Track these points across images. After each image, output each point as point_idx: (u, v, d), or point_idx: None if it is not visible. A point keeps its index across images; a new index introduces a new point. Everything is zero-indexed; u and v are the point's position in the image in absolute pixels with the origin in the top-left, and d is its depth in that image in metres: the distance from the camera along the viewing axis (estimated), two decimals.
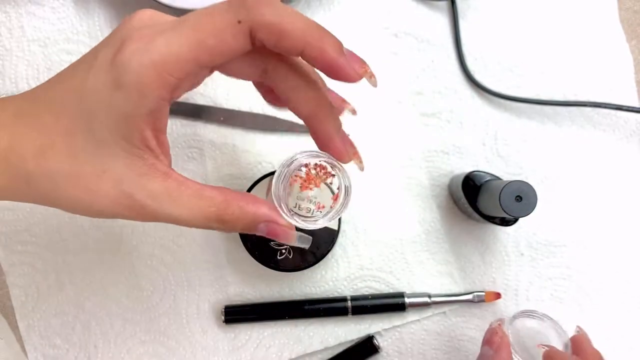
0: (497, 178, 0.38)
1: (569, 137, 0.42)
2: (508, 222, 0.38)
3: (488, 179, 0.37)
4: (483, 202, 0.36)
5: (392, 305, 0.39)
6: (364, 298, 0.39)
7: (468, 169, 0.39)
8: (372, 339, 0.39)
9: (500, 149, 0.41)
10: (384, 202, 0.41)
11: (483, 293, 0.39)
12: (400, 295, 0.39)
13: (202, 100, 0.41)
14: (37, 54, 0.41)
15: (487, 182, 0.37)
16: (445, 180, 0.41)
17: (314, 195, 0.27)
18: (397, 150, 0.41)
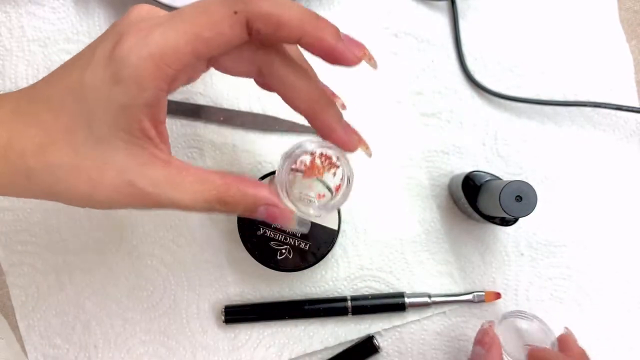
0: (497, 178, 0.38)
1: (569, 137, 0.42)
2: (508, 222, 0.38)
3: (488, 179, 0.37)
4: (483, 202, 0.36)
5: (392, 305, 0.39)
6: (364, 298, 0.39)
7: (468, 169, 0.39)
8: (372, 339, 0.39)
9: (500, 149, 0.41)
10: (384, 202, 0.41)
11: (483, 293, 0.39)
12: (400, 295, 0.39)
13: (202, 100, 0.41)
14: (37, 54, 0.41)
15: (487, 182, 0.37)
16: (445, 180, 0.41)
17: (316, 185, 0.27)
18: (397, 150, 0.41)
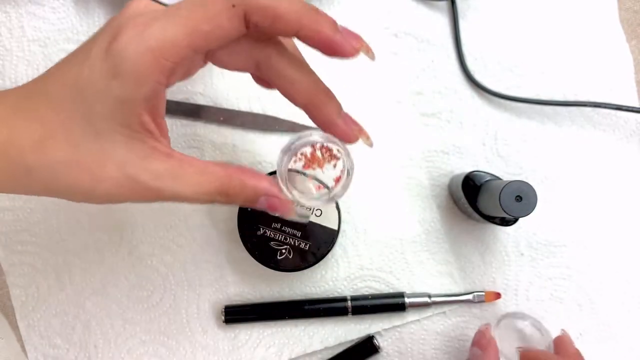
0: (497, 178, 0.38)
1: (569, 137, 0.42)
2: (508, 222, 0.38)
3: (488, 179, 0.37)
4: (483, 202, 0.36)
5: (392, 305, 0.39)
6: (364, 298, 0.39)
7: (468, 169, 0.39)
8: (372, 339, 0.39)
9: (500, 149, 0.41)
10: (384, 202, 0.41)
11: (483, 293, 0.39)
12: (400, 295, 0.39)
13: (202, 100, 0.41)
14: (37, 54, 0.41)
15: (487, 182, 0.37)
16: (445, 180, 0.41)
17: (315, 176, 0.27)
18: (397, 150, 0.41)
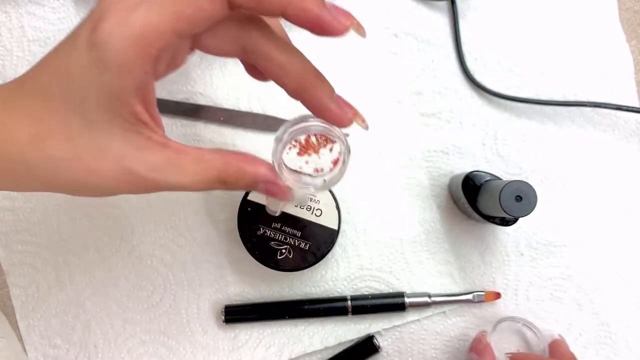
0: (497, 178, 0.38)
1: (569, 137, 0.42)
2: (508, 222, 0.38)
3: (488, 179, 0.37)
4: (483, 202, 0.36)
5: (392, 305, 0.39)
6: (364, 298, 0.39)
7: (468, 169, 0.39)
8: (372, 339, 0.39)
9: (500, 149, 0.41)
10: (384, 202, 0.41)
11: (483, 293, 0.39)
12: (400, 295, 0.39)
13: (202, 100, 0.41)
14: (37, 54, 0.41)
15: (487, 182, 0.37)
16: (445, 180, 0.41)
17: (312, 161, 0.27)
18: (397, 150, 0.41)
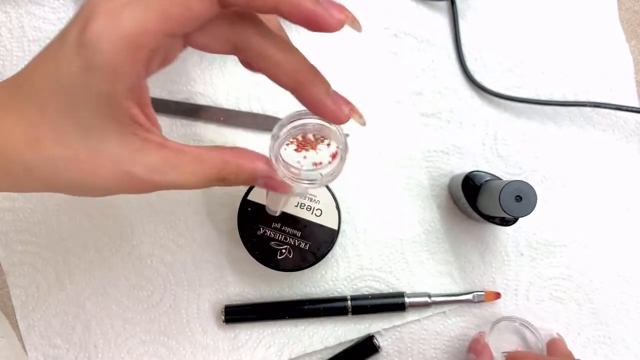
0: (497, 178, 0.38)
1: (569, 137, 0.42)
2: (508, 222, 0.38)
3: (488, 179, 0.37)
4: (483, 202, 0.36)
5: (392, 305, 0.39)
6: (364, 298, 0.39)
7: (468, 169, 0.39)
8: (372, 339, 0.39)
9: (500, 149, 0.41)
10: (384, 202, 0.41)
11: (483, 293, 0.39)
12: (400, 295, 0.39)
13: (202, 100, 0.41)
14: None
15: (487, 182, 0.37)
16: (445, 180, 0.41)
17: (310, 156, 0.27)
18: (397, 150, 0.41)
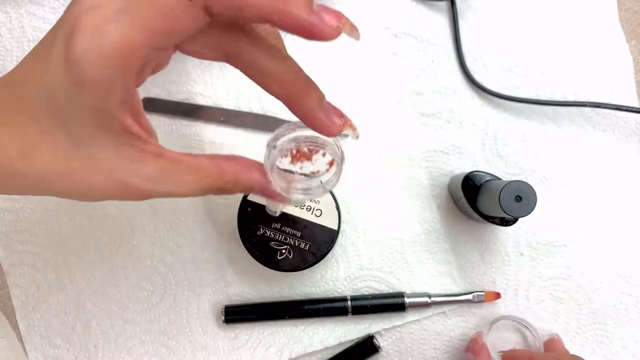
0: (497, 178, 0.38)
1: (569, 137, 0.42)
2: (508, 222, 0.38)
3: (488, 179, 0.37)
4: (483, 202, 0.36)
5: (392, 305, 0.39)
6: (364, 298, 0.39)
7: (468, 169, 0.39)
8: (372, 339, 0.39)
9: (500, 149, 0.41)
10: (384, 202, 0.41)
11: (483, 293, 0.39)
12: (400, 295, 0.39)
13: (202, 100, 0.41)
14: None
15: (486, 182, 0.37)
16: (445, 180, 0.41)
17: (307, 167, 0.27)
18: (397, 150, 0.41)
